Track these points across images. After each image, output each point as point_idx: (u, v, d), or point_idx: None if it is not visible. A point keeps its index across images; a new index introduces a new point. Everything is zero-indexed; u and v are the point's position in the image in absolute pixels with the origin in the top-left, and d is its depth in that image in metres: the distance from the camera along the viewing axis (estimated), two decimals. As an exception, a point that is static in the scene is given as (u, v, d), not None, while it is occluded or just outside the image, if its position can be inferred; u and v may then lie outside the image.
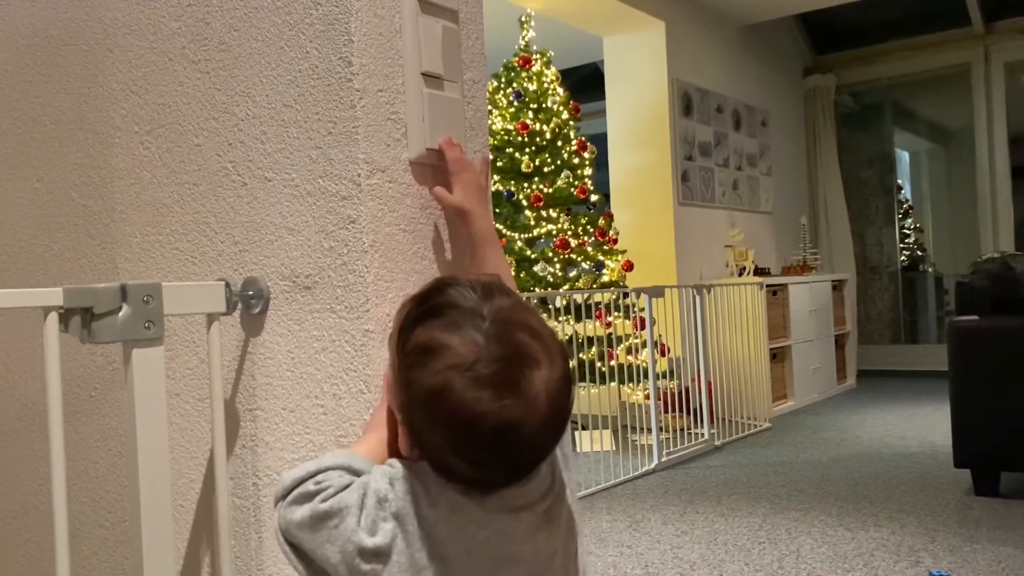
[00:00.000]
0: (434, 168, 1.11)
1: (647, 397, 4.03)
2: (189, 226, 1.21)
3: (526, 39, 4.72)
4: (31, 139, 1.45)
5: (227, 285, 1.08)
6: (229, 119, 1.15)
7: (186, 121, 1.21)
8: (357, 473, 0.88)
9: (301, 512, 0.83)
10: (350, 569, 0.80)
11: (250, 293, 1.11)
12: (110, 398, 1.32)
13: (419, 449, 0.85)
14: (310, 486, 0.85)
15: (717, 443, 4.30)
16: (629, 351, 4.28)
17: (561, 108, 4.67)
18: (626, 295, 4.15)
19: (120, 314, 0.96)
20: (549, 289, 4.33)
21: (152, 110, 1.25)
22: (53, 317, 0.93)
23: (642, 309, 4.07)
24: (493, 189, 4.53)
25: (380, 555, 0.80)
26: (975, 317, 3.17)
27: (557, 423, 0.81)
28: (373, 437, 0.96)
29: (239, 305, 1.12)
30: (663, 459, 3.88)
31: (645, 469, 3.78)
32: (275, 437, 1.11)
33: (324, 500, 0.83)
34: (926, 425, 4.57)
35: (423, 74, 1.07)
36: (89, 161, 1.35)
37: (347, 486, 0.85)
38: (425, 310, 0.81)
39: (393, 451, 0.90)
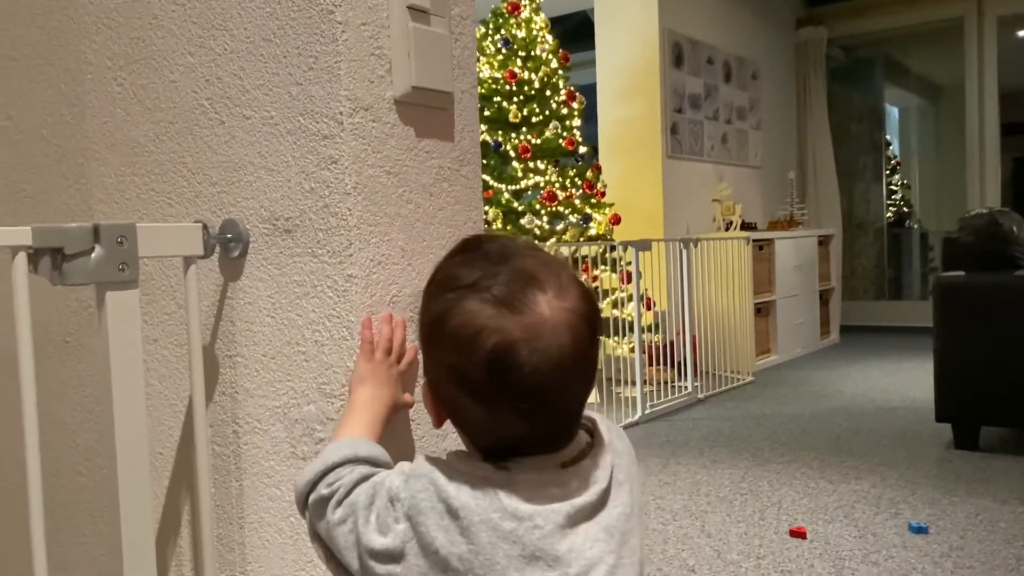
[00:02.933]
0: (420, 108, 1.07)
1: (632, 350, 4.03)
2: (165, 166, 1.16)
3: (515, -15, 4.61)
4: (0, 75, 1.39)
5: (205, 227, 1.04)
6: (206, 54, 1.10)
7: (161, 56, 1.16)
8: (367, 461, 0.86)
9: (321, 525, 0.83)
10: (366, 573, 0.78)
11: (229, 236, 1.08)
12: (86, 343, 1.29)
13: (435, 396, 0.82)
14: (323, 490, 0.83)
15: (700, 396, 4.32)
16: (615, 305, 4.27)
17: (550, 56, 4.58)
18: (613, 248, 4.12)
19: (92, 255, 0.92)
20: (536, 242, 4.29)
21: (126, 44, 1.20)
22: (22, 257, 0.89)
23: (629, 262, 4.05)
24: (481, 139, 4.46)
25: (392, 557, 0.75)
26: (961, 273, 3.17)
27: (568, 359, 0.74)
28: (359, 400, 0.95)
29: (217, 248, 1.08)
30: (646, 411, 3.90)
31: (629, 421, 3.79)
32: (255, 384, 1.08)
33: (337, 505, 0.82)
34: (908, 380, 4.61)
35: (409, 7, 1.02)
36: (61, 99, 1.29)
37: (357, 482, 0.82)
38: (448, 255, 0.83)
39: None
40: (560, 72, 4.63)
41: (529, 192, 4.47)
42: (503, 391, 0.74)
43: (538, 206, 4.38)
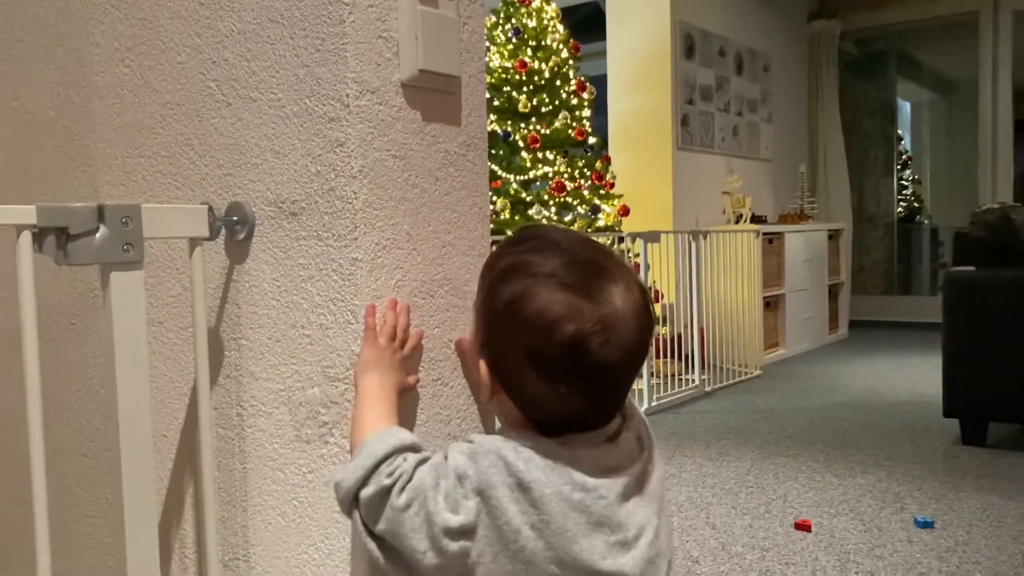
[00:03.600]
0: (427, 91, 1.06)
1: (639, 342, 4.02)
2: (172, 148, 1.16)
3: (526, -26, 4.58)
4: (7, 56, 1.39)
5: (210, 209, 1.04)
6: (213, 35, 1.10)
7: (168, 37, 1.15)
8: (410, 448, 0.86)
9: (383, 516, 0.81)
10: (439, 551, 0.79)
11: (235, 219, 1.07)
12: (91, 326, 1.29)
13: (500, 379, 0.85)
14: (383, 481, 0.82)
15: (708, 389, 4.31)
16: (622, 296, 4.25)
17: (561, 46, 4.56)
18: (621, 240, 4.11)
19: (97, 235, 0.92)
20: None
21: (133, 25, 1.19)
22: (26, 236, 0.89)
23: (637, 254, 4.04)
24: (490, 129, 4.45)
25: (466, 532, 0.79)
26: (971, 268, 3.15)
27: (632, 347, 0.80)
28: (370, 388, 0.94)
29: (223, 231, 1.08)
30: (653, 403, 3.90)
31: (635, 413, 3.79)
32: (260, 367, 1.08)
33: (400, 491, 0.81)
34: (916, 376, 4.59)
35: (417, -10, 1.01)
36: (68, 80, 1.29)
37: (416, 466, 0.83)
38: (511, 242, 0.87)
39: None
40: (570, 62, 4.60)
41: (538, 183, 4.46)
42: (577, 374, 0.79)
43: (546, 197, 4.37)
